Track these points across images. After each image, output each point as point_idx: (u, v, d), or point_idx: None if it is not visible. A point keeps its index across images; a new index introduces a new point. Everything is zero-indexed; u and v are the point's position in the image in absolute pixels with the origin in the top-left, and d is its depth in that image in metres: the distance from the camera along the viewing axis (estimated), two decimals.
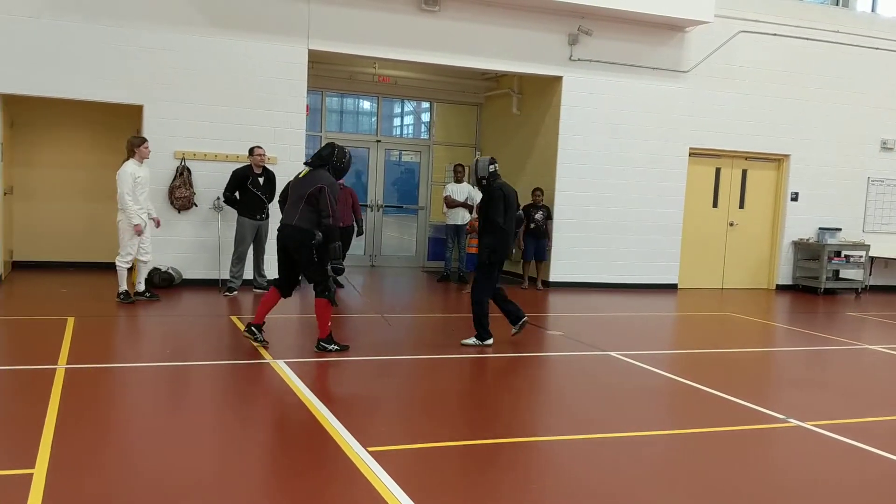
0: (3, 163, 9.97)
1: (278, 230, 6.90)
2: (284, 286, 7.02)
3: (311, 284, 6.83)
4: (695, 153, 12.93)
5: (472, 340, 7.58)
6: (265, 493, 3.94)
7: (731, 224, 13.54)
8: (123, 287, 9.12)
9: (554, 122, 12.23)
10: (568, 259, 12.25)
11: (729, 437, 5.27)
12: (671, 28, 12.28)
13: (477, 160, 7.72)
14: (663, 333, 9.72)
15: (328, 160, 6.89)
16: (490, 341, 7.57)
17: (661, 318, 10.59)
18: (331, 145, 7.00)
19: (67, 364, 6.04)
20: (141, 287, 9.28)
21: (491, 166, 7.53)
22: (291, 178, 7.19)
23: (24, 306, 9.06)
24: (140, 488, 3.90)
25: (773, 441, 5.27)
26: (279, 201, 7.54)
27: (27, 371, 5.91)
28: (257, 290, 10.19)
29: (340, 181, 10.91)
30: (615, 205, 12.40)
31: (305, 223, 6.67)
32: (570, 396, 6.32)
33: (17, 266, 11.34)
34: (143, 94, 10.07)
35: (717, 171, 13.39)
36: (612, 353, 7.51)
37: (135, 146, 8.99)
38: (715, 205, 13.44)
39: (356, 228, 11.14)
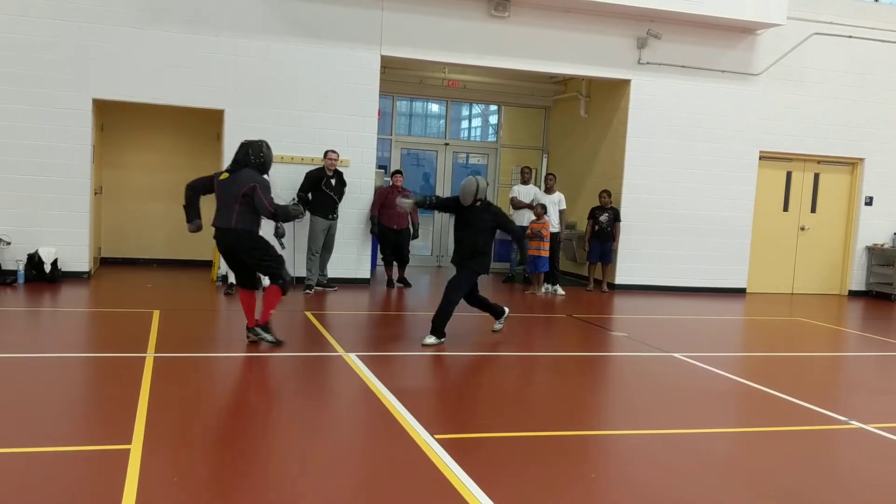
0: (94, 164, 10.58)
1: (218, 234, 6.78)
2: (249, 282, 7.01)
3: (270, 277, 6.87)
4: (765, 156, 12.82)
5: (433, 339, 7.37)
6: (340, 474, 4.21)
7: (803, 228, 13.36)
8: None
9: (622, 124, 12.30)
10: (634, 262, 12.29)
11: (788, 436, 5.33)
12: (742, 31, 12.21)
13: (477, 180, 7.54)
14: (729, 337, 9.71)
15: (246, 162, 6.77)
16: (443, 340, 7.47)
17: (728, 322, 10.56)
18: (243, 146, 6.85)
19: (156, 353, 6.46)
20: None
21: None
22: (213, 175, 7.01)
23: (113, 300, 9.61)
24: (227, 464, 4.22)
25: (833, 441, 5.32)
26: (190, 192, 6.99)
27: (120, 358, 6.34)
28: (317, 288, 10.50)
29: (398, 184, 11.36)
30: (683, 208, 12.39)
31: (244, 224, 6.67)
32: (632, 394, 6.44)
33: (104, 262, 12.00)
34: (225, 99, 10.56)
35: (789, 174, 13.23)
36: (676, 355, 7.59)
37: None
38: (786, 209, 13.29)
39: (412, 231, 11.50)
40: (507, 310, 8.20)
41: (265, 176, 6.87)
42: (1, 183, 9.95)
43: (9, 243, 9.88)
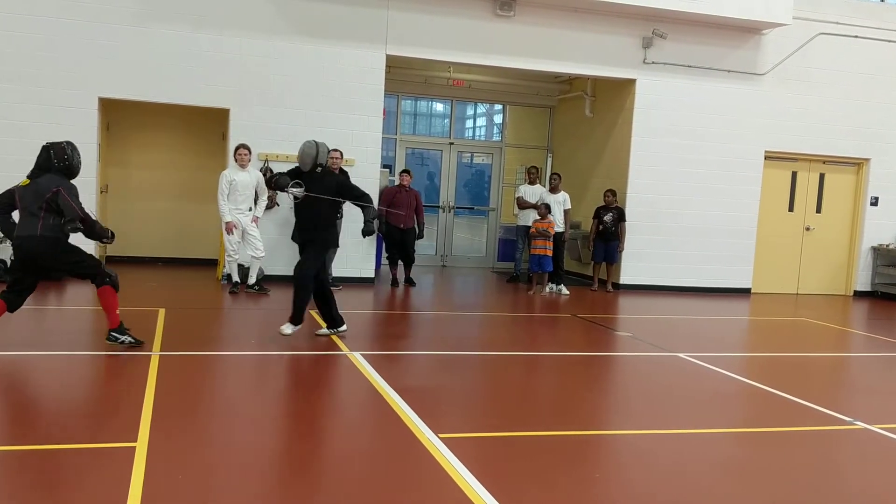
0: (100, 163, 10.60)
1: (20, 244, 6.19)
2: (17, 298, 6.34)
3: (91, 279, 6.42)
4: (770, 156, 12.79)
5: (290, 328, 7.02)
6: (345, 472, 4.22)
7: (808, 228, 13.33)
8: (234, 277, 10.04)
9: (627, 124, 12.29)
10: (639, 261, 12.27)
11: (792, 436, 5.33)
12: (747, 30, 12.19)
13: (316, 143, 6.95)
14: (734, 337, 9.69)
15: (48, 167, 6.17)
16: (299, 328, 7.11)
17: (733, 322, 10.54)
18: (45, 149, 6.22)
19: (161, 351, 6.48)
20: (251, 280, 9.96)
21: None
22: (14, 188, 6.39)
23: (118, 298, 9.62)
24: (232, 462, 4.23)
25: (838, 442, 5.30)
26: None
27: (125, 356, 6.35)
28: None
29: (406, 184, 11.36)
30: (688, 207, 12.37)
31: (50, 231, 6.13)
32: (636, 394, 6.43)
33: (109, 260, 11.99)
34: (230, 98, 10.57)
35: (794, 174, 13.21)
36: (681, 355, 7.58)
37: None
38: (791, 209, 13.27)
39: (417, 231, 11.51)
40: (345, 326, 7.39)
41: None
42: (6, 181, 9.88)
43: None
